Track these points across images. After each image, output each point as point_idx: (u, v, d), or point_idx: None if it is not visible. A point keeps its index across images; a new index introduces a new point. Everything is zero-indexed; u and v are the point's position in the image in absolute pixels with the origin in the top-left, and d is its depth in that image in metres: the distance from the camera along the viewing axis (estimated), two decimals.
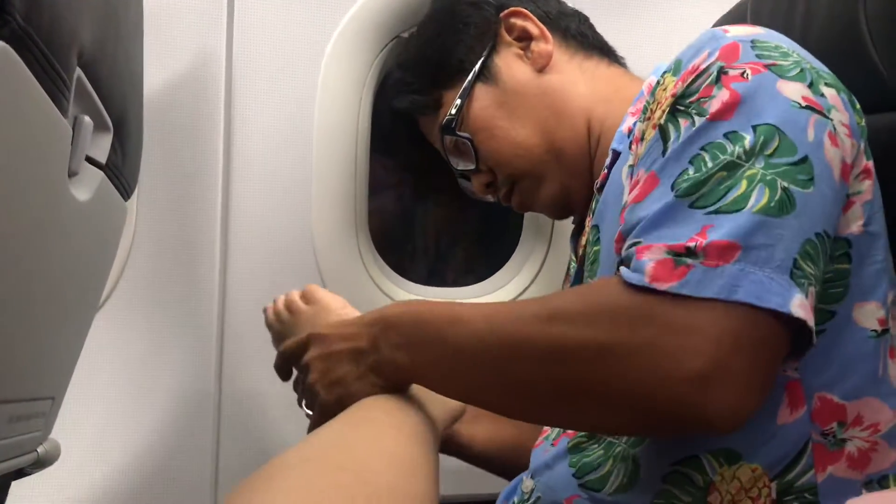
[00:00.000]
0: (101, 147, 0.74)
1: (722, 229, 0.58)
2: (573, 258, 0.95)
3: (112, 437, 1.13)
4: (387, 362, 0.70)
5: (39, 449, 0.83)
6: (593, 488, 0.73)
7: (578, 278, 0.90)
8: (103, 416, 1.13)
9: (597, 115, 0.91)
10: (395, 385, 0.72)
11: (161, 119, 1.14)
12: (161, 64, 1.14)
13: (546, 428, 0.86)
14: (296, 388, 0.83)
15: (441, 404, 0.81)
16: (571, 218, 1.03)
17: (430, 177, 1.34)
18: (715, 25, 1.07)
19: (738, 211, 0.59)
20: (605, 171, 0.84)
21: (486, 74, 0.95)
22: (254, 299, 1.18)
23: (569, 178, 0.93)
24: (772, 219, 0.59)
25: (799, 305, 0.57)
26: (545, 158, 0.93)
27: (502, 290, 1.33)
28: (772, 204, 0.59)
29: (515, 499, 0.84)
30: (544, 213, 1.00)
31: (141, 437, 1.14)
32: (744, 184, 0.60)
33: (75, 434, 1.07)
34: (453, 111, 0.95)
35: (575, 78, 0.94)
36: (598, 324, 0.60)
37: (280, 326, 0.95)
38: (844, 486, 0.65)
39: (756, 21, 0.97)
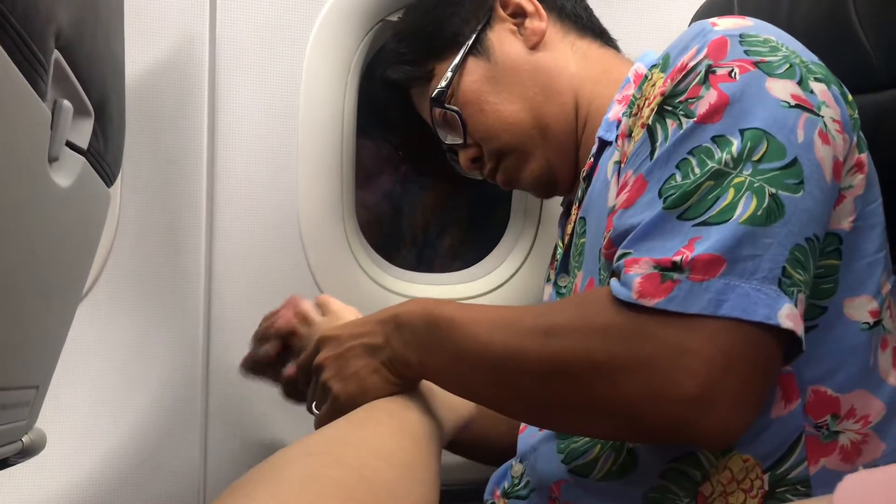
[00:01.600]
0: (83, 132, 0.72)
1: (708, 242, 0.59)
2: (560, 242, 0.95)
3: (99, 425, 1.12)
4: (399, 359, 0.72)
5: (24, 438, 0.82)
6: (581, 473, 0.73)
7: (564, 266, 0.91)
8: (90, 404, 1.12)
9: (585, 95, 0.92)
10: (407, 381, 0.74)
11: (144, 104, 1.13)
12: (143, 49, 1.12)
13: None
14: (287, 393, 0.83)
15: (450, 406, 0.82)
16: (560, 200, 1.03)
17: (418, 162, 1.33)
18: (700, 11, 1.07)
19: (724, 222, 0.59)
20: (591, 160, 0.84)
21: (478, 49, 0.95)
22: (240, 286, 1.17)
23: (554, 156, 0.93)
24: (759, 228, 0.59)
25: (787, 315, 0.57)
26: (531, 134, 0.93)
27: (491, 274, 1.32)
28: (759, 212, 0.59)
29: (506, 484, 0.85)
30: (529, 190, 1.01)
31: (128, 426, 1.13)
32: (731, 193, 0.60)
33: (62, 423, 1.06)
34: (444, 83, 0.95)
35: (566, 57, 0.94)
36: (593, 340, 0.61)
37: (297, 341, 0.92)
38: (836, 478, 0.64)
39: (742, 4, 0.97)
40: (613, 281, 0.62)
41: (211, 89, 1.16)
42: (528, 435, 0.83)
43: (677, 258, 0.59)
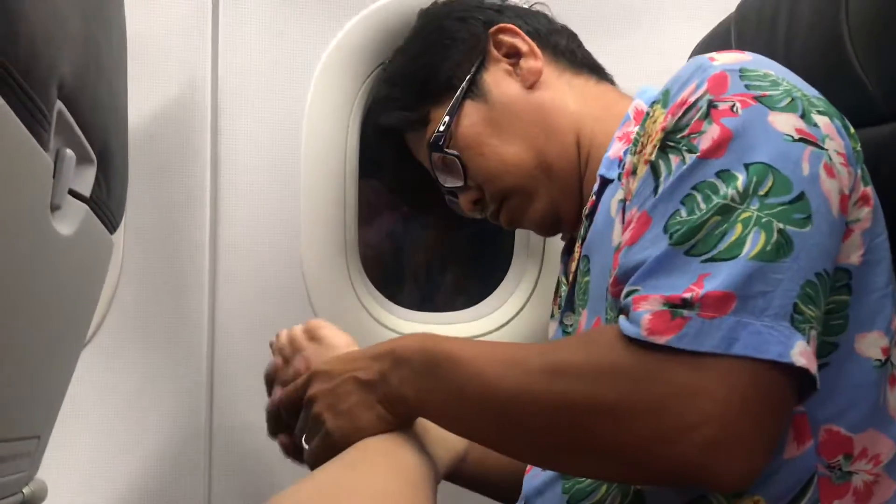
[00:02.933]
0: (85, 180, 0.73)
1: (718, 278, 0.57)
2: (563, 280, 0.94)
3: (102, 475, 1.11)
4: (395, 396, 0.70)
5: (25, 490, 0.81)
6: None
7: (569, 305, 0.90)
8: (92, 454, 1.11)
9: (586, 132, 0.91)
10: (402, 419, 0.72)
11: (147, 150, 1.13)
12: (146, 94, 1.13)
13: None
14: (272, 433, 0.81)
15: (443, 443, 0.80)
16: (560, 235, 1.02)
17: (419, 201, 1.33)
18: (699, 45, 1.07)
19: (733, 258, 0.58)
20: (594, 197, 0.84)
21: (474, 91, 0.94)
22: (244, 330, 1.16)
23: (558, 195, 0.93)
24: (768, 264, 0.58)
25: (800, 353, 0.56)
26: (535, 174, 0.92)
27: (495, 313, 1.32)
28: (768, 248, 0.58)
29: None
30: (533, 230, 1.00)
31: (132, 475, 1.12)
32: (738, 228, 0.59)
33: (63, 473, 1.04)
34: (441, 128, 0.94)
35: (564, 95, 0.93)
36: (603, 381, 0.60)
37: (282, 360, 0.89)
38: None
39: (740, 39, 0.97)
40: (622, 319, 0.61)
41: (213, 134, 1.17)
42: (533, 476, 0.82)
43: (687, 295, 0.58)
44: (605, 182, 0.83)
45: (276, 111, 1.19)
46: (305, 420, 0.75)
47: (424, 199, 1.14)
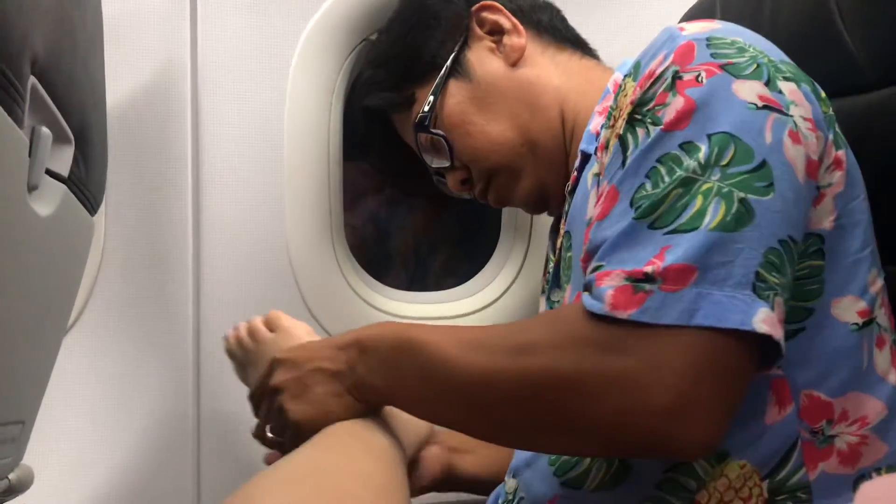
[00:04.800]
0: (63, 159, 0.71)
1: (678, 251, 0.58)
2: (551, 256, 0.94)
3: (88, 461, 1.10)
4: (365, 385, 0.70)
5: (11, 475, 0.80)
6: (574, 485, 0.72)
7: (556, 280, 0.90)
8: (79, 439, 1.10)
9: (570, 108, 0.91)
10: (370, 406, 0.72)
11: (126, 131, 1.12)
12: (124, 74, 1.11)
13: None
14: (256, 414, 0.81)
15: (408, 430, 0.81)
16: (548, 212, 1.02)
17: (405, 180, 1.32)
18: (684, 17, 1.07)
19: (694, 230, 0.59)
20: (575, 173, 0.84)
21: (458, 70, 0.94)
22: (229, 313, 1.15)
23: (545, 172, 0.93)
24: (729, 234, 0.58)
25: (763, 320, 0.57)
26: (521, 152, 0.92)
27: (483, 291, 1.31)
28: (728, 218, 0.59)
29: (500, 501, 0.83)
30: (521, 207, 1.00)
31: (119, 460, 1.11)
32: (699, 199, 0.59)
33: (50, 459, 1.04)
34: (426, 108, 0.93)
35: (548, 71, 0.93)
36: (565, 356, 0.60)
37: (242, 355, 0.91)
38: (837, 483, 0.65)
39: (725, 10, 0.97)
40: (585, 295, 0.61)
41: (194, 114, 1.15)
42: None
43: (649, 269, 0.58)
44: (586, 157, 0.83)
45: (257, 89, 1.17)
46: (269, 409, 0.75)
47: (412, 181, 1.14)
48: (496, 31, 0.94)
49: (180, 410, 1.14)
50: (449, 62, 0.93)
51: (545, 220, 1.25)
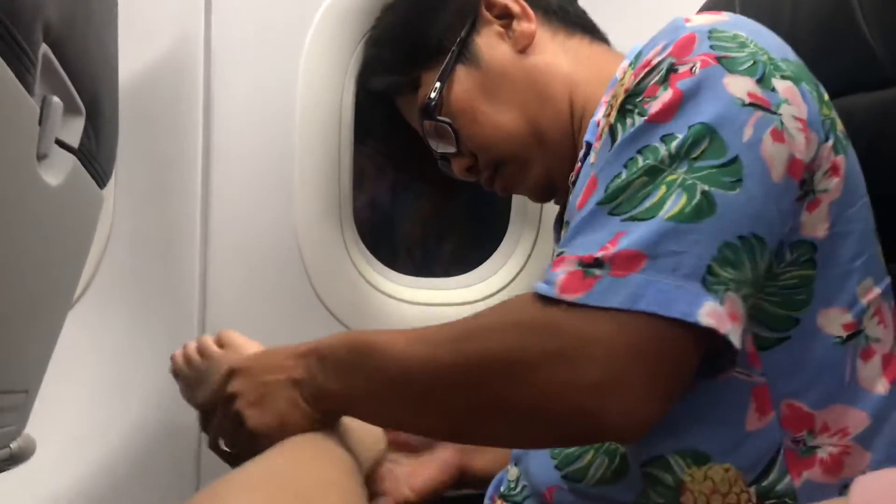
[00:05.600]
0: (73, 130, 0.71)
1: (631, 237, 0.58)
2: (555, 247, 0.93)
3: (92, 431, 1.10)
4: (321, 391, 0.69)
5: (13, 444, 0.80)
6: (574, 479, 0.72)
7: None
8: (82, 409, 1.10)
9: (579, 97, 0.89)
10: (328, 416, 0.71)
11: (138, 105, 1.11)
12: (137, 49, 1.10)
13: None
14: (205, 429, 0.79)
15: (363, 446, 0.80)
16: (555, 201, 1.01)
17: (415, 165, 1.32)
18: (704, 5, 1.05)
19: (650, 219, 0.58)
20: (579, 163, 0.83)
21: (466, 55, 0.91)
22: (236, 290, 1.16)
23: (553, 162, 0.91)
24: (684, 225, 0.58)
25: (708, 314, 0.56)
26: (529, 142, 0.90)
27: (492, 278, 1.31)
28: (687, 209, 0.58)
29: (503, 488, 0.83)
30: (528, 196, 0.99)
31: (122, 432, 1.12)
32: (662, 189, 0.59)
33: (53, 428, 1.04)
34: (433, 94, 0.91)
35: (558, 59, 0.91)
36: (503, 338, 0.61)
37: (189, 371, 0.88)
38: (822, 491, 0.64)
39: (745, 1, 0.96)
40: (539, 282, 0.61)
41: (206, 90, 1.15)
42: None
43: (600, 254, 0.58)
44: (589, 147, 0.82)
45: (270, 67, 1.17)
46: (224, 416, 0.72)
47: (418, 165, 1.13)
48: (505, 16, 0.92)
49: None
50: (456, 47, 0.91)
51: (555, 209, 1.24)
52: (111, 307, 1.12)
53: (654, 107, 0.62)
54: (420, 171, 1.34)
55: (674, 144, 0.60)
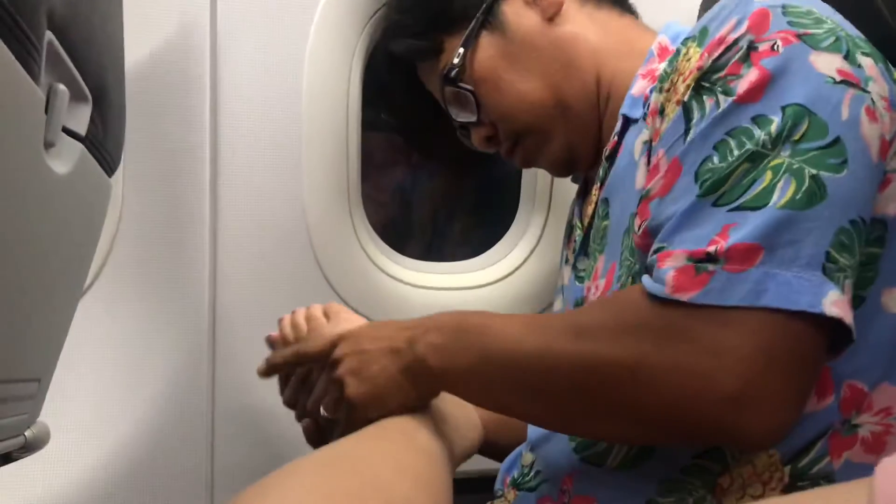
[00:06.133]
0: (80, 118, 0.70)
1: (744, 229, 0.56)
2: (578, 224, 0.91)
3: (104, 419, 1.11)
4: (419, 364, 0.68)
5: (27, 432, 0.81)
6: (595, 462, 0.71)
7: (584, 249, 0.88)
8: (94, 398, 1.11)
9: (607, 70, 0.87)
10: (424, 392, 0.71)
11: (144, 93, 1.11)
12: (143, 35, 1.10)
13: None
14: (288, 403, 0.81)
15: (459, 431, 0.79)
16: (570, 181, 1.00)
17: (423, 147, 1.31)
18: None
19: (761, 207, 0.56)
20: (615, 138, 0.81)
21: (491, 21, 0.89)
22: (245, 276, 1.15)
23: (575, 135, 0.89)
24: (799, 212, 0.56)
25: (833, 303, 0.55)
26: (552, 114, 0.88)
27: (502, 262, 1.30)
28: (798, 196, 0.56)
29: (515, 473, 0.83)
30: (547, 169, 0.97)
31: (134, 419, 1.12)
32: (768, 175, 0.57)
33: (66, 417, 1.04)
34: (456, 60, 0.90)
35: (585, 30, 0.88)
36: (625, 341, 0.59)
37: (295, 334, 0.89)
38: (860, 471, 0.63)
39: None
40: (646, 277, 0.60)
41: (213, 76, 1.14)
42: None
43: (711, 248, 0.56)
44: (628, 122, 0.81)
45: (276, 52, 1.16)
46: (326, 382, 0.73)
47: (430, 141, 1.11)
48: None
49: (195, 373, 1.14)
50: (482, 13, 0.89)
51: (565, 192, 1.23)
52: (121, 296, 1.12)
53: (741, 86, 0.60)
54: (429, 151, 1.33)
55: (773, 127, 0.58)
